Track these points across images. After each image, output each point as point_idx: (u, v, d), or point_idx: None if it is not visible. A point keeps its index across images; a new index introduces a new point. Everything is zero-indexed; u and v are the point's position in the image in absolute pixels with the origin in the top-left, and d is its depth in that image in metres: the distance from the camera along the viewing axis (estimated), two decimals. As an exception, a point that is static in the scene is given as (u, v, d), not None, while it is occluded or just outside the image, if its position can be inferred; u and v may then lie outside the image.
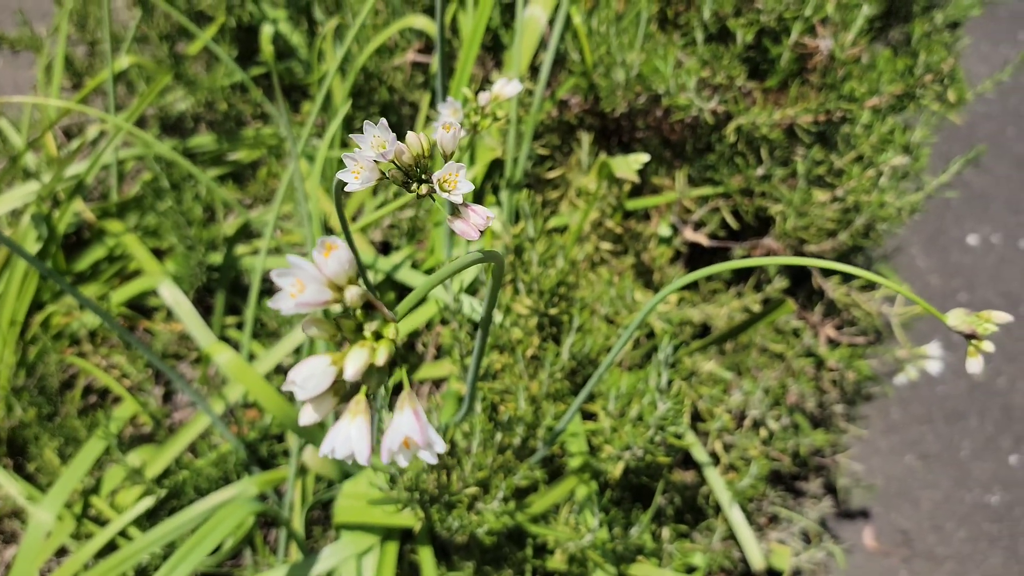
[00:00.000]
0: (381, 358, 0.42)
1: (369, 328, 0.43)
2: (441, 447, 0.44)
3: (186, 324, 1.33)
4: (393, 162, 0.53)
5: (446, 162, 0.53)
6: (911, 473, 1.90)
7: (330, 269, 0.41)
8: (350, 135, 0.52)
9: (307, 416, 0.43)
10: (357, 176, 0.52)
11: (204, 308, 1.58)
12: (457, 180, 0.52)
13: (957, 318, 0.64)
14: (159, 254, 1.59)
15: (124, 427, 1.41)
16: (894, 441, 1.95)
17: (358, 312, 0.43)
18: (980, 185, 2.48)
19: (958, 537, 1.83)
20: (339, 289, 0.42)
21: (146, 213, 1.61)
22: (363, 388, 0.43)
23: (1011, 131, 2.62)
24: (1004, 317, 0.64)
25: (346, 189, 0.53)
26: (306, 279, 0.40)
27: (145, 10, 1.71)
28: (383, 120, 0.51)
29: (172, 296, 1.36)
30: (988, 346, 0.63)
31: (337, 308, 0.42)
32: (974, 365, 0.66)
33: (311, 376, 0.41)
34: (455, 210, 0.53)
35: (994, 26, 2.91)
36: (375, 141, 0.51)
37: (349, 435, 0.43)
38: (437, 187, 0.52)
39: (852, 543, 1.77)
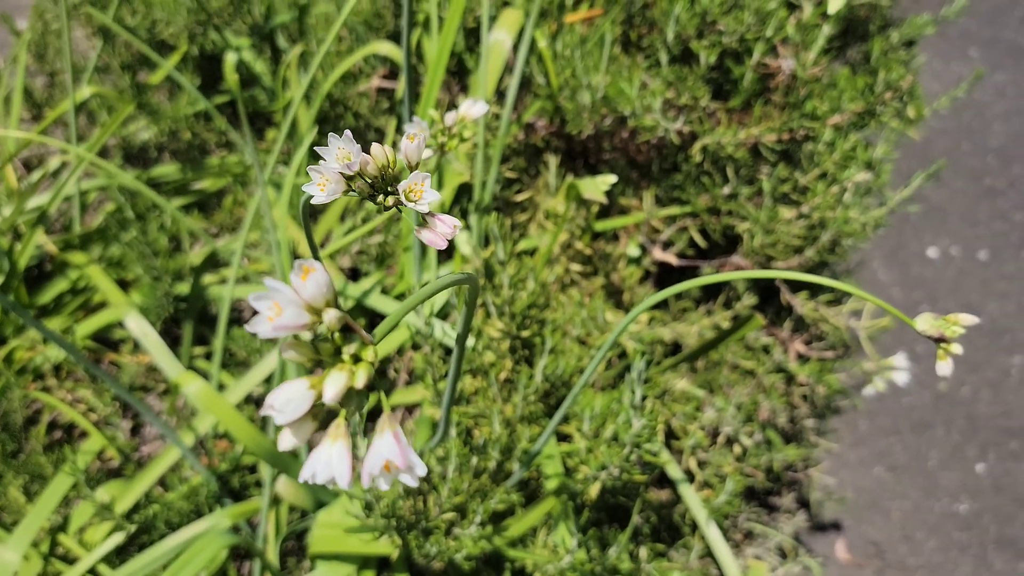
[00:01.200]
0: (360, 381, 0.42)
1: (347, 351, 0.43)
2: (422, 470, 0.44)
3: (153, 355, 1.31)
4: (359, 174, 0.53)
5: (409, 173, 0.53)
6: (880, 485, 1.92)
7: (308, 292, 0.41)
8: (316, 147, 0.52)
9: (286, 442, 0.43)
10: (323, 188, 0.52)
11: (171, 339, 1.56)
12: (423, 190, 0.52)
13: (925, 322, 0.65)
14: (124, 285, 1.57)
15: (91, 462, 1.39)
16: (863, 454, 1.97)
17: (336, 335, 0.43)
18: (938, 199, 2.53)
19: (929, 547, 1.85)
20: (317, 312, 0.42)
21: (110, 244, 1.59)
22: (342, 412, 0.43)
23: (965, 146, 2.68)
24: (971, 319, 0.65)
25: (313, 201, 0.52)
26: (284, 302, 0.40)
27: (106, 40, 1.69)
28: (348, 132, 0.50)
29: (139, 327, 1.34)
30: (957, 348, 0.65)
31: (311, 333, 0.42)
32: (944, 368, 0.68)
33: (290, 400, 0.41)
34: (422, 220, 0.53)
35: (945, 44, 2.98)
36: (340, 153, 0.51)
37: (330, 459, 0.42)
38: (403, 197, 0.52)
39: (825, 556, 1.78)
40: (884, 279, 2.35)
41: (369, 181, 0.53)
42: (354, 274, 1.58)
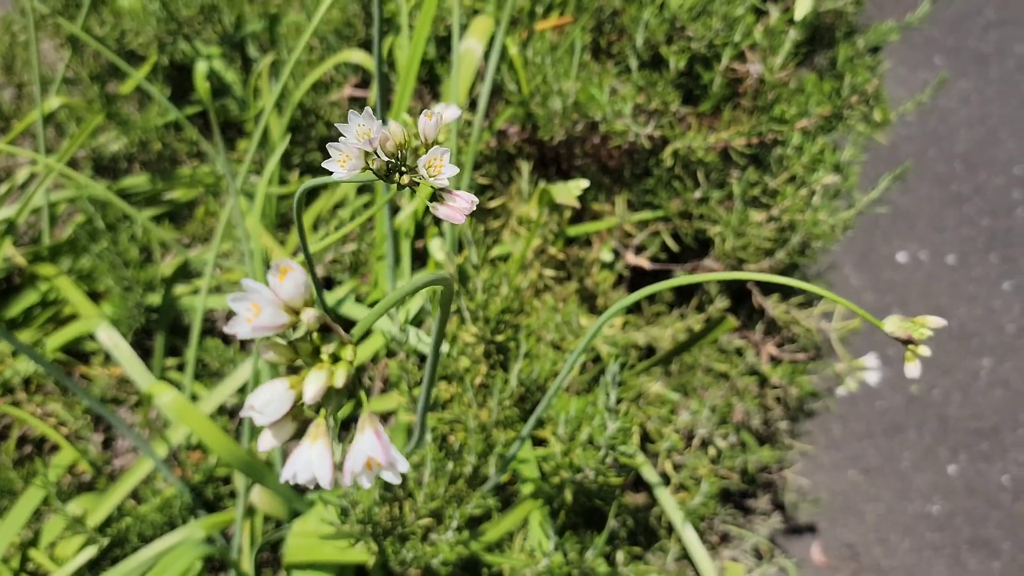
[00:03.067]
0: (340, 380, 0.42)
1: (326, 350, 0.43)
2: (404, 466, 0.44)
3: (125, 367, 1.30)
4: (376, 152, 0.53)
5: (427, 150, 0.53)
6: (855, 487, 1.94)
7: (286, 292, 0.41)
8: (336, 124, 0.52)
9: (266, 442, 0.43)
10: (343, 164, 0.52)
11: (143, 351, 1.55)
12: (443, 164, 0.52)
13: (893, 324, 0.66)
14: (95, 297, 1.56)
15: (63, 476, 1.37)
16: (837, 457, 1.98)
17: (315, 335, 0.43)
18: (906, 205, 2.56)
19: (903, 548, 1.87)
20: (295, 312, 0.42)
21: (80, 256, 1.58)
22: (322, 411, 0.43)
23: (932, 152, 2.72)
24: (938, 322, 0.66)
25: (333, 179, 0.52)
26: (262, 302, 0.40)
27: (75, 50, 1.68)
28: (368, 109, 0.51)
29: (110, 339, 1.33)
30: (924, 350, 0.65)
31: (291, 333, 0.42)
32: (912, 369, 0.68)
33: (270, 401, 0.41)
34: (437, 196, 0.53)
35: (911, 52, 3.02)
36: (360, 130, 0.51)
37: (310, 459, 0.42)
38: (424, 171, 0.52)
39: (801, 558, 1.79)
40: (855, 283, 2.38)
41: (386, 159, 0.53)
42: (328, 283, 1.58)
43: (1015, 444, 2.02)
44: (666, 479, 1.33)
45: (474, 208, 0.53)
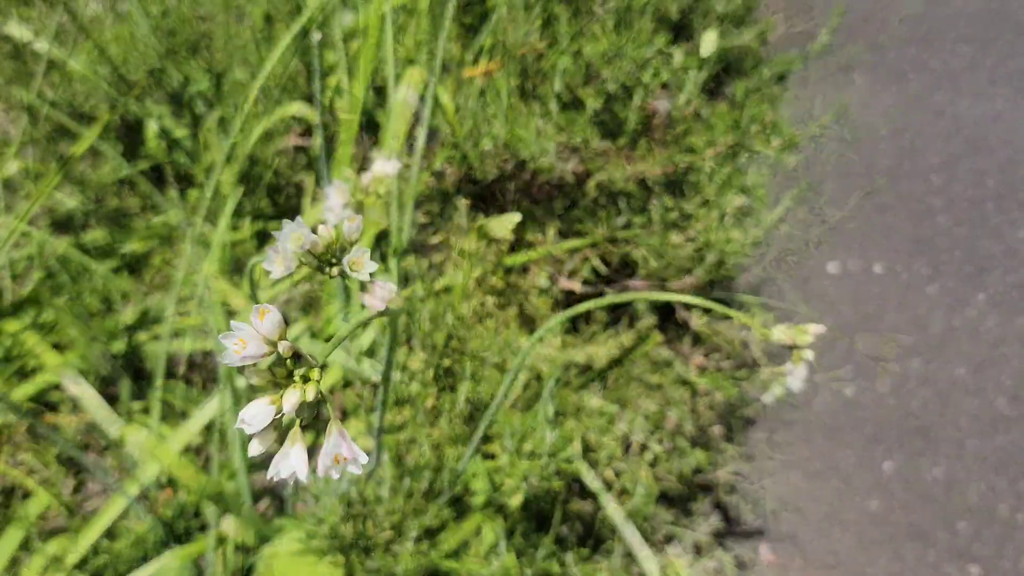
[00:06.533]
0: (311, 395, 0.53)
1: (298, 373, 0.54)
2: (365, 459, 0.55)
3: (93, 413, 1.36)
4: (308, 252, 0.63)
5: (350, 248, 0.64)
6: (798, 488, 2.02)
7: (265, 328, 0.53)
8: (272, 231, 0.62)
9: (255, 448, 0.54)
10: (281, 266, 0.62)
11: (108, 398, 1.61)
12: (364, 262, 0.63)
13: (781, 332, 0.76)
14: (59, 348, 1.62)
15: (36, 522, 1.42)
16: (780, 461, 2.07)
17: (288, 361, 0.54)
18: (835, 217, 2.68)
19: (846, 544, 1.94)
20: (273, 344, 0.53)
21: (43, 310, 1.64)
22: (297, 421, 0.54)
23: (856, 166, 2.83)
24: (818, 329, 0.76)
25: (271, 277, 0.63)
26: (248, 338, 0.52)
27: (29, 114, 1.76)
28: (299, 218, 0.61)
29: (77, 387, 1.39)
30: (809, 354, 0.76)
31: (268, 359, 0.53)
32: (799, 371, 0.79)
33: (256, 415, 0.52)
34: (363, 286, 0.64)
35: (833, 71, 3.16)
36: (294, 236, 0.61)
37: (290, 458, 0.53)
38: (348, 268, 0.63)
39: (752, 559, 1.87)
40: (789, 296, 2.47)
41: (317, 256, 0.64)
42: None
43: (945, 440, 2.12)
44: (608, 486, 1.42)
45: (393, 295, 0.64)
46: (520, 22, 1.46)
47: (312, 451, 0.55)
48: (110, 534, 1.43)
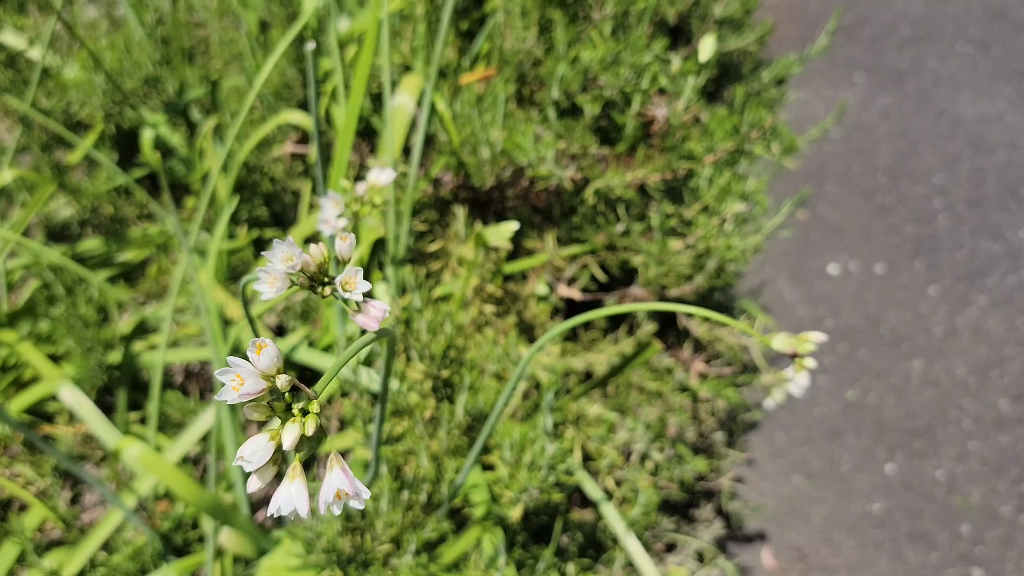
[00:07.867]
0: (310, 429, 0.52)
1: (297, 406, 0.53)
2: (367, 494, 0.54)
3: (90, 424, 1.36)
4: (300, 271, 0.62)
5: (343, 267, 0.63)
6: (799, 492, 2.02)
7: (262, 364, 0.51)
8: (263, 253, 0.61)
9: (253, 484, 0.53)
10: (271, 286, 0.61)
11: (105, 407, 1.61)
12: (356, 282, 0.61)
13: (781, 341, 0.75)
14: (56, 359, 1.62)
15: (33, 535, 1.42)
16: (781, 464, 2.07)
17: (287, 395, 0.53)
18: (834, 219, 2.68)
19: (848, 546, 1.94)
20: (271, 379, 0.52)
21: (39, 320, 1.63)
22: (297, 456, 0.53)
23: (856, 167, 2.84)
24: (819, 337, 0.75)
25: (263, 298, 0.61)
26: (245, 374, 0.51)
27: (24, 123, 1.75)
28: (290, 238, 0.60)
29: (73, 398, 1.39)
30: (810, 363, 0.74)
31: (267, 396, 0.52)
32: (800, 379, 0.77)
33: (255, 451, 0.51)
34: (357, 306, 0.62)
35: (833, 72, 3.17)
36: (284, 255, 0.60)
37: (290, 494, 0.52)
38: (340, 288, 0.61)
39: (753, 564, 1.87)
40: (789, 298, 2.47)
41: (309, 275, 0.62)
42: (280, 330, 1.65)
43: (947, 441, 2.12)
44: (609, 494, 1.41)
45: (386, 315, 0.62)
46: (517, 28, 1.45)
47: (308, 464, 0.54)
48: (108, 547, 1.42)
